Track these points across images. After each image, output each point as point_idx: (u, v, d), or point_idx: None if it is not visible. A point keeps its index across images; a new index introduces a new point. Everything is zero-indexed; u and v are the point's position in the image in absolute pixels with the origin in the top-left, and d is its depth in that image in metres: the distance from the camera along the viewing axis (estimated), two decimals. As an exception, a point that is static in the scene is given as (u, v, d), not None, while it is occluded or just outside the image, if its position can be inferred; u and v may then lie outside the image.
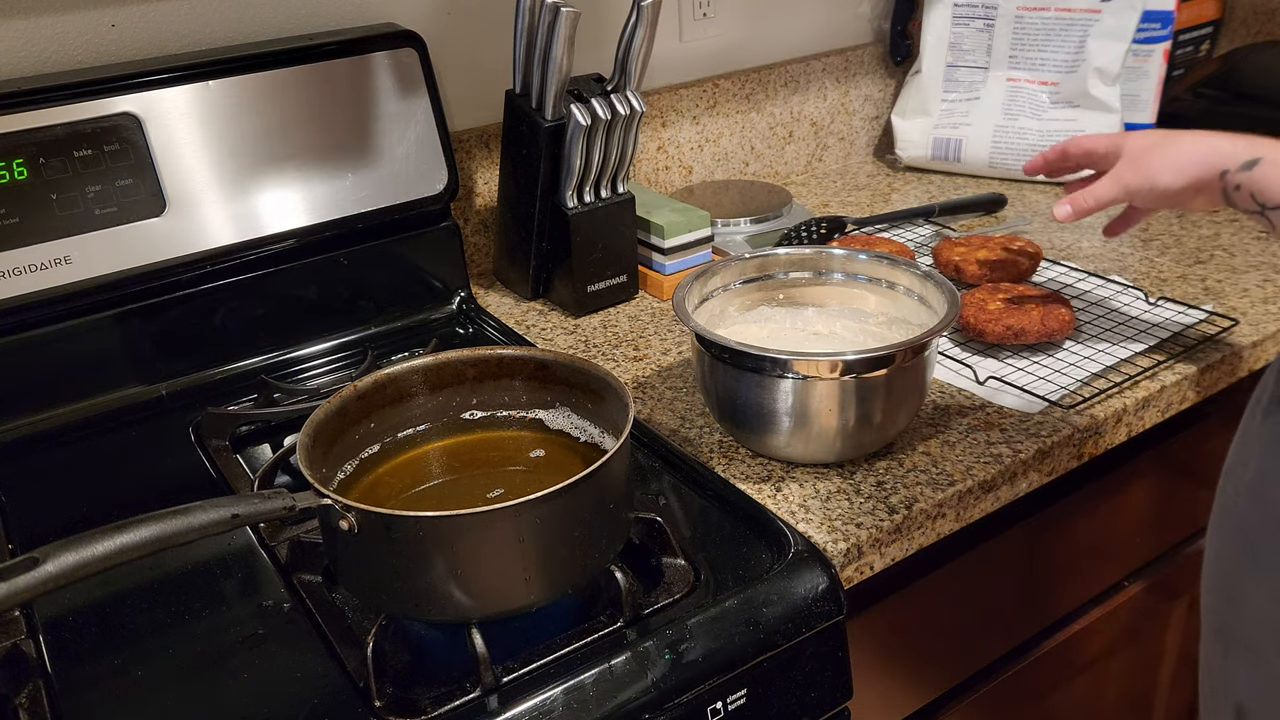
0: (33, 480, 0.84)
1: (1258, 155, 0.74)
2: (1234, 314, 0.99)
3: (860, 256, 0.89)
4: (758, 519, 0.74)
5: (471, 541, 0.60)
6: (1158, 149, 0.80)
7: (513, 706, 0.59)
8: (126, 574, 0.71)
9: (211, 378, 0.96)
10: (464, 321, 1.07)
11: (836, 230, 1.20)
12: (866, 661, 0.82)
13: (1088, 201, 0.84)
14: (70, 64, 0.94)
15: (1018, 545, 0.92)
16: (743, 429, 0.81)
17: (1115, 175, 0.82)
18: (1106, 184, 0.83)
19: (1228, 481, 0.77)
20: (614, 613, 0.66)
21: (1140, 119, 1.43)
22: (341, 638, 0.65)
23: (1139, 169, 0.81)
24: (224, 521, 0.57)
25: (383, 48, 0.99)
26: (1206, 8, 1.62)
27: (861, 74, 1.48)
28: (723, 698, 0.64)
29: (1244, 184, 0.75)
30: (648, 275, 1.12)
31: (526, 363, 0.75)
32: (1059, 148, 0.90)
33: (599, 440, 0.72)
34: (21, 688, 0.63)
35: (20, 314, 0.87)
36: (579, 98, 1.01)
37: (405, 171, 1.02)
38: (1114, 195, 0.83)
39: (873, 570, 0.75)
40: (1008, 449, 0.82)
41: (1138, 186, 0.81)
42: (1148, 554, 1.08)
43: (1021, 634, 0.99)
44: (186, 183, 0.91)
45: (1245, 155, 0.75)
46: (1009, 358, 0.94)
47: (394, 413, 0.74)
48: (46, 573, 0.52)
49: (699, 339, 0.79)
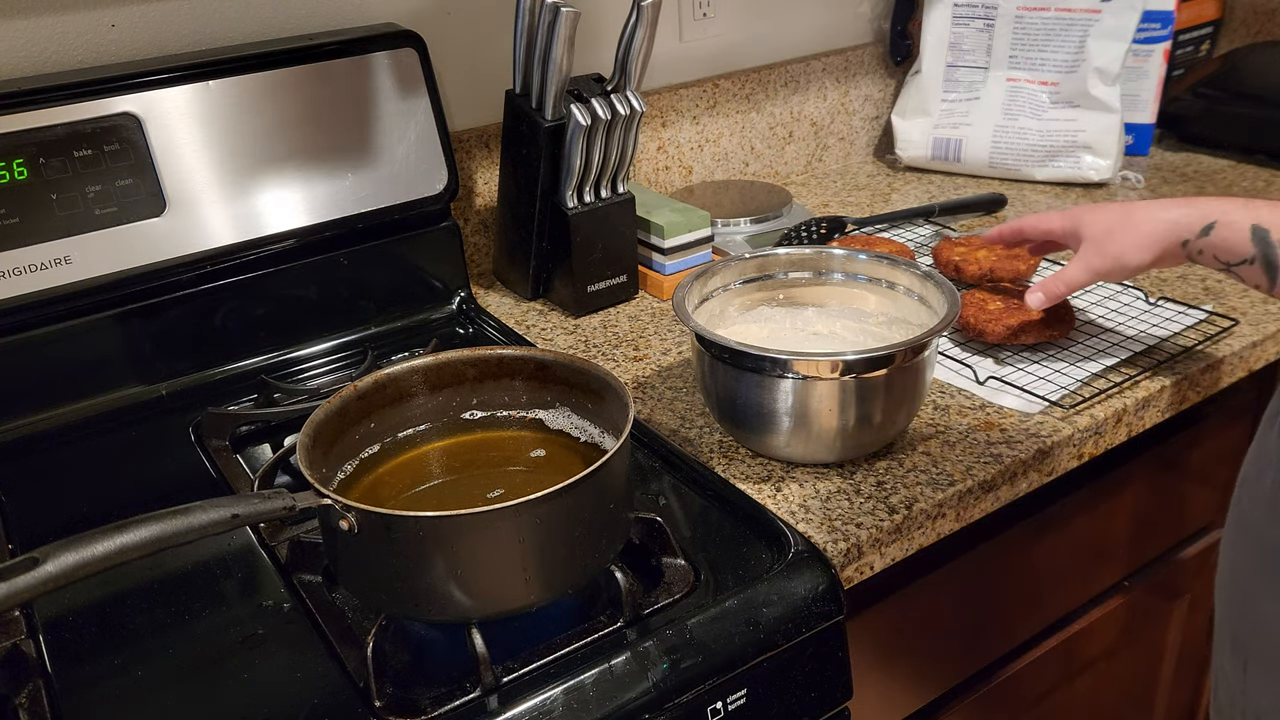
0: (33, 480, 0.84)
1: (1210, 219, 0.78)
2: (1234, 314, 0.99)
3: (860, 256, 0.89)
4: (758, 519, 0.74)
5: (471, 541, 0.60)
6: (1118, 231, 0.84)
7: (513, 706, 0.59)
8: (126, 574, 0.71)
9: (211, 378, 0.96)
10: (464, 321, 1.07)
11: (836, 230, 1.20)
12: (866, 661, 0.82)
13: (1059, 287, 0.88)
14: (70, 64, 0.94)
15: (1018, 545, 0.92)
16: (743, 429, 0.81)
17: (1084, 262, 0.86)
18: (1076, 271, 0.87)
19: (1244, 492, 0.77)
20: (614, 613, 0.65)
21: (1140, 119, 1.43)
22: (341, 638, 0.65)
23: (1104, 253, 0.84)
24: (224, 521, 0.57)
25: (383, 48, 0.99)
26: (1206, 8, 1.62)
27: (861, 74, 1.48)
28: (723, 698, 0.64)
29: (1205, 249, 0.79)
30: (648, 275, 1.12)
31: (526, 363, 0.75)
32: (1015, 226, 0.93)
33: (599, 440, 0.72)
34: (21, 688, 0.63)
35: (20, 314, 0.87)
36: (579, 98, 1.01)
37: (405, 171, 1.02)
38: (1085, 280, 0.87)
39: (873, 570, 0.75)
40: (1008, 449, 0.82)
41: (1107, 269, 0.85)
42: (1148, 554, 1.08)
43: (1021, 634, 0.99)
44: (186, 183, 0.91)
45: (1199, 223, 0.79)
46: (1009, 358, 0.94)
47: (394, 413, 0.74)
48: (46, 573, 0.52)
49: (699, 339, 0.79)
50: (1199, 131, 1.45)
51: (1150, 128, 1.44)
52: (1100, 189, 1.35)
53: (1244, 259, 0.76)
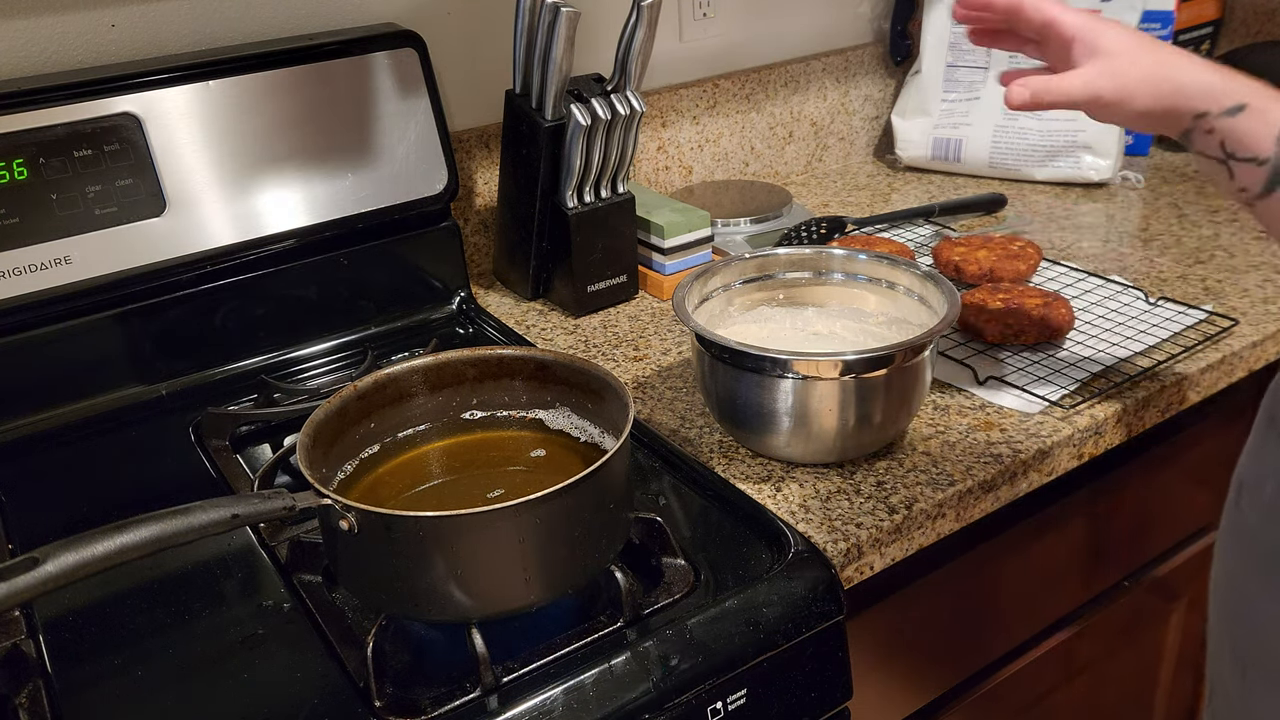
0: (33, 480, 0.84)
1: (1243, 101, 0.66)
2: (1234, 314, 0.99)
3: (860, 256, 0.89)
4: (758, 519, 0.74)
5: (471, 541, 0.60)
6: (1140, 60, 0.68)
7: (513, 706, 0.59)
8: (126, 574, 0.71)
9: (211, 378, 0.96)
10: (464, 321, 1.07)
11: (836, 230, 1.20)
12: (866, 661, 0.82)
13: (1052, 96, 0.70)
14: (70, 64, 0.94)
15: (1018, 545, 0.92)
16: (743, 429, 0.81)
17: (1087, 78, 0.69)
18: (1076, 83, 0.69)
19: (1241, 497, 0.75)
20: (614, 613, 0.65)
21: (1140, 119, 1.43)
22: (341, 638, 0.65)
23: (1116, 78, 0.69)
24: (224, 521, 0.57)
25: (383, 48, 0.99)
26: (1206, 8, 1.62)
27: (861, 74, 1.48)
28: (723, 698, 0.64)
29: (1219, 130, 0.67)
30: (648, 275, 1.12)
31: (526, 363, 0.75)
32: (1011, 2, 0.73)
33: (599, 440, 0.72)
34: (21, 688, 0.63)
35: (20, 314, 0.87)
36: (579, 98, 1.01)
37: (405, 171, 1.02)
38: (1083, 98, 0.70)
39: (873, 570, 0.75)
40: (1008, 449, 0.82)
41: (1109, 100, 0.69)
42: (1147, 555, 1.08)
43: (1021, 634, 0.99)
44: (186, 183, 0.91)
45: (1229, 99, 0.66)
46: (1009, 358, 0.94)
47: (394, 413, 0.74)
48: (46, 573, 0.52)
49: (699, 339, 0.79)
50: (1199, 131, 1.44)
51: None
52: (1100, 189, 1.35)
53: (1253, 157, 0.66)
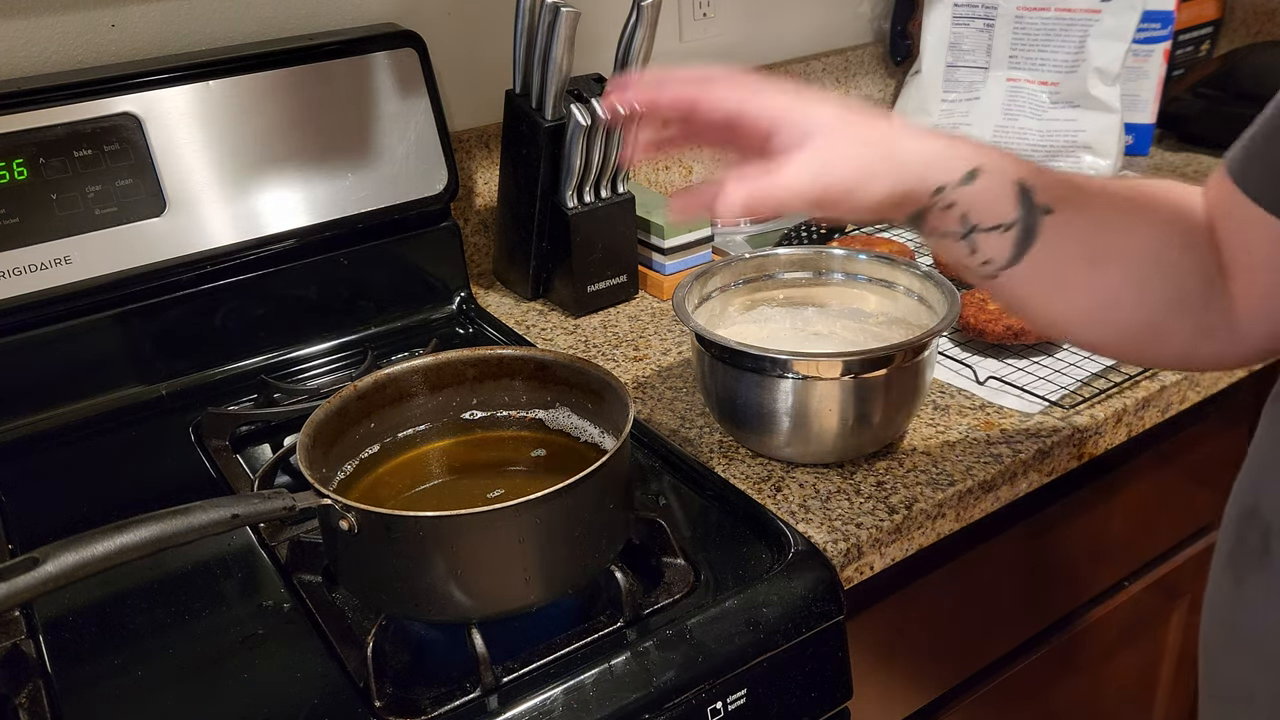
0: (33, 480, 0.84)
1: (975, 164, 0.57)
2: (1234, 314, 0.99)
3: (860, 256, 0.89)
4: (758, 519, 0.74)
5: (471, 541, 0.60)
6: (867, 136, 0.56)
7: (513, 706, 0.59)
8: (126, 574, 0.71)
9: (211, 378, 0.96)
10: (464, 321, 1.07)
11: (836, 230, 1.20)
12: (866, 661, 0.82)
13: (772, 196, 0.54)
14: (70, 64, 0.94)
15: (1018, 545, 0.92)
16: (742, 429, 0.81)
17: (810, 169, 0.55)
18: (800, 175, 0.54)
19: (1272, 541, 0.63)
20: (614, 613, 0.65)
21: (1140, 119, 1.43)
22: (341, 638, 0.65)
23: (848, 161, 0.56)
24: (224, 521, 0.57)
25: (382, 48, 0.99)
26: (1206, 8, 1.62)
27: (861, 74, 1.48)
28: (723, 698, 0.64)
29: (959, 202, 0.57)
30: (648, 275, 1.12)
31: (526, 363, 0.75)
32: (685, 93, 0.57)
33: (599, 440, 0.72)
34: (21, 688, 0.63)
35: (20, 314, 0.87)
36: (579, 98, 1.01)
37: (405, 171, 1.02)
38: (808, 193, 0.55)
39: (873, 570, 0.75)
40: (1008, 449, 0.82)
41: (847, 184, 0.55)
42: (1148, 554, 1.08)
43: (1021, 634, 0.98)
44: (186, 183, 0.91)
45: (961, 165, 0.56)
46: (1009, 358, 0.94)
47: (394, 413, 0.74)
48: (46, 573, 0.52)
49: (699, 339, 0.79)
50: (1199, 131, 1.45)
51: (1150, 128, 1.44)
52: (1100, 189, 1.35)
53: (998, 224, 0.57)
